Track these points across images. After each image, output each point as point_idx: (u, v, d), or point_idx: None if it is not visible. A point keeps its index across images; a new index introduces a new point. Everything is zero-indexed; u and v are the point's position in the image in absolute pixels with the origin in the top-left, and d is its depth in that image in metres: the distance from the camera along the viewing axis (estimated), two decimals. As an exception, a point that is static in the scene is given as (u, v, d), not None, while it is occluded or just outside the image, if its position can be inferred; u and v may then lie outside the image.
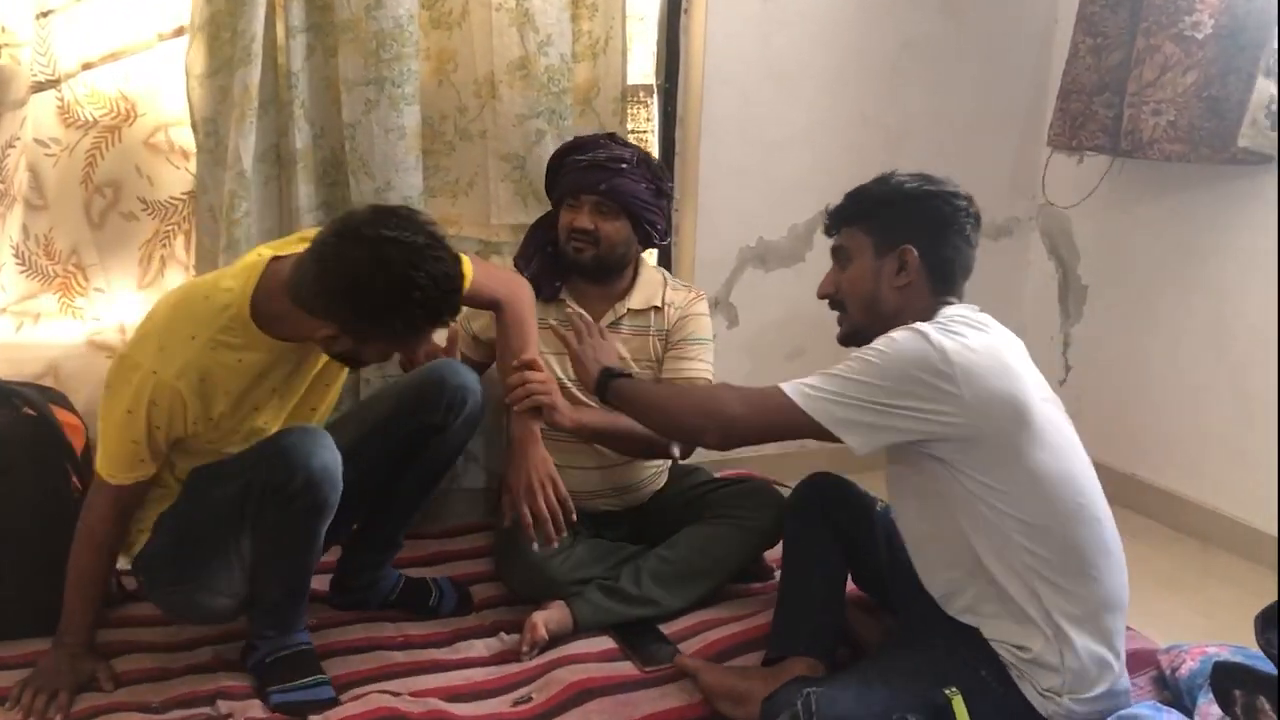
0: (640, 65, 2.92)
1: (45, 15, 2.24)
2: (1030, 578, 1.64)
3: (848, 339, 1.81)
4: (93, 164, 2.35)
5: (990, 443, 1.61)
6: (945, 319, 1.65)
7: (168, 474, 1.88)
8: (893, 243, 1.74)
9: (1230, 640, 1.97)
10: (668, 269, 2.79)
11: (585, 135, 2.43)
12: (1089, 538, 1.66)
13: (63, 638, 1.87)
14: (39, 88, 2.26)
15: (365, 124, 2.37)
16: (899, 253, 1.73)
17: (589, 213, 2.27)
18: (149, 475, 1.82)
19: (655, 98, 2.95)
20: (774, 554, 2.26)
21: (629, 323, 2.35)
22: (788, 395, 1.64)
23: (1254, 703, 1.63)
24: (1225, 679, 1.70)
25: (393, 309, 1.66)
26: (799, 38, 3.06)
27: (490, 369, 2.41)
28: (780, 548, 2.13)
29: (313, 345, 1.82)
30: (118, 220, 2.40)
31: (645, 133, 2.94)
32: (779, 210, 3.10)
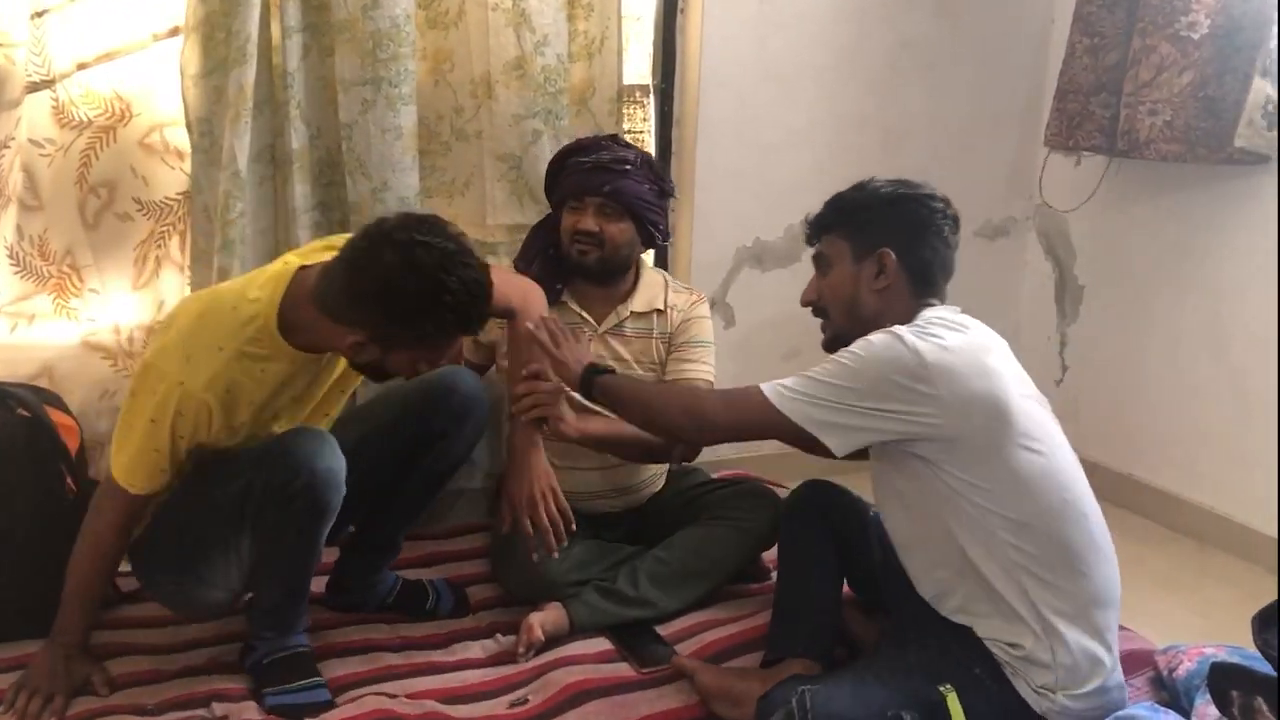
0: (636, 65, 2.91)
1: (40, 15, 2.23)
2: (1018, 574, 1.64)
3: (831, 344, 1.82)
4: (87, 164, 2.34)
5: (971, 442, 1.63)
6: (923, 321, 1.68)
7: None
8: (870, 247, 1.77)
9: (1227, 641, 1.97)
10: (664, 269, 2.78)
11: (587, 137, 2.42)
12: (1076, 533, 1.67)
13: (58, 639, 1.86)
14: (34, 88, 2.26)
15: (362, 124, 2.37)
16: (877, 256, 1.76)
17: (593, 215, 2.26)
18: (166, 485, 1.81)
19: (651, 98, 2.95)
20: (771, 555, 2.26)
21: (632, 325, 2.35)
22: (765, 396, 1.67)
23: (1251, 703, 1.63)
24: (1222, 680, 1.70)
25: (424, 312, 1.67)
26: (796, 38, 3.06)
27: (490, 370, 2.41)
28: (777, 549, 2.13)
29: (333, 355, 1.83)
30: (112, 221, 2.39)
31: (641, 133, 2.94)
32: (775, 211, 3.10)
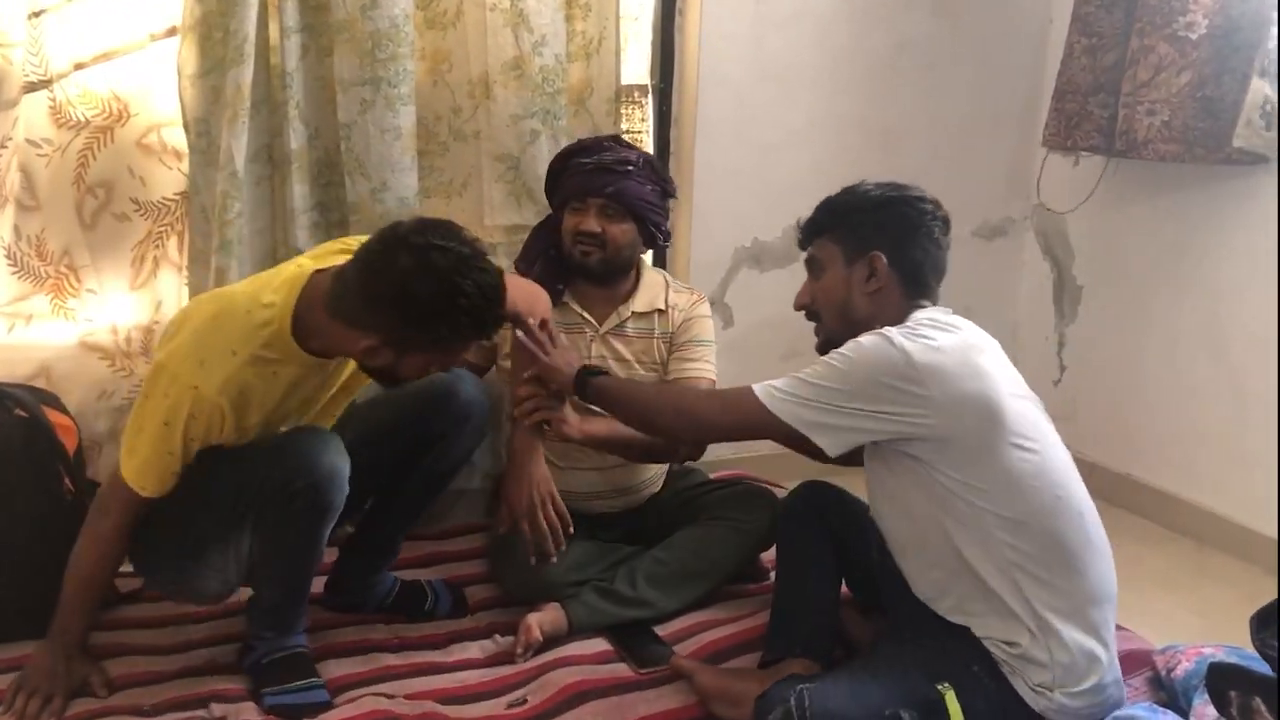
0: (635, 65, 2.91)
1: (37, 15, 2.23)
2: (1013, 572, 1.65)
3: (824, 348, 1.83)
4: (85, 164, 2.34)
5: (963, 441, 1.63)
6: (913, 322, 1.69)
7: None
8: (861, 250, 1.78)
9: (1226, 641, 1.97)
10: (663, 269, 2.78)
11: (589, 138, 2.42)
12: (1070, 531, 1.67)
13: (57, 640, 1.85)
14: (31, 88, 2.25)
15: (361, 124, 2.37)
16: (868, 259, 1.77)
17: (595, 216, 2.26)
18: (175, 486, 1.80)
19: (650, 98, 2.94)
20: (769, 555, 2.26)
21: (633, 325, 2.35)
22: (757, 396, 1.69)
23: (1249, 703, 1.63)
24: (1220, 680, 1.70)
25: (439, 315, 1.67)
26: (794, 38, 3.06)
27: (490, 371, 2.40)
28: (775, 550, 2.13)
29: (343, 358, 1.84)
30: (110, 221, 2.39)
31: (640, 133, 2.93)
32: (774, 211, 3.10)
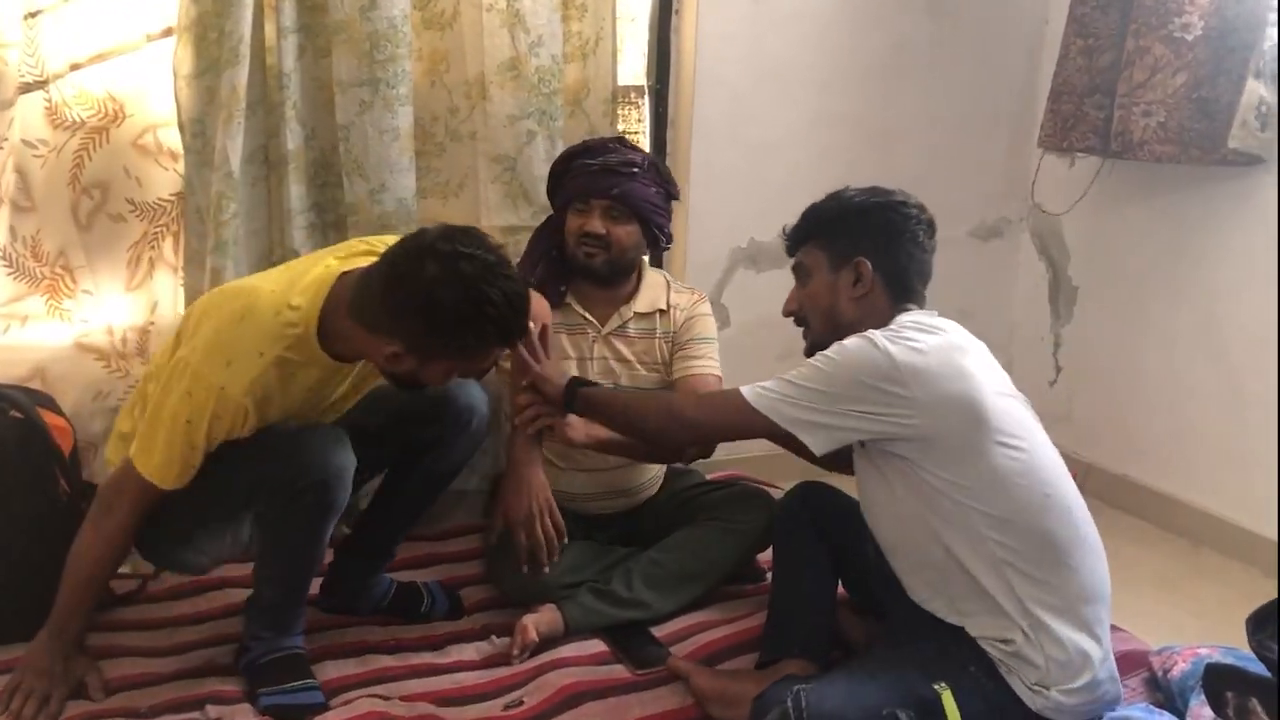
0: (631, 66, 2.91)
1: (33, 16, 2.22)
2: (1003, 570, 1.65)
3: (811, 352, 1.84)
4: (80, 165, 2.33)
5: (948, 441, 1.65)
6: (898, 325, 1.71)
7: None
8: (846, 256, 1.80)
9: (1222, 642, 1.97)
10: (662, 269, 2.78)
11: (593, 139, 2.42)
12: (1060, 528, 1.67)
13: (55, 638, 1.83)
14: (26, 89, 2.24)
15: (360, 125, 2.36)
16: (853, 265, 1.79)
17: (599, 217, 2.26)
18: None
19: (646, 99, 2.94)
20: (766, 556, 2.25)
21: (635, 326, 2.35)
22: (744, 397, 1.72)
23: (1246, 704, 1.63)
24: (1217, 681, 1.71)
25: (465, 324, 1.67)
26: (790, 39, 3.06)
27: (489, 372, 2.39)
28: (771, 550, 2.13)
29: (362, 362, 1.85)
30: (106, 222, 2.38)
31: (636, 134, 2.94)
32: (770, 211, 3.06)
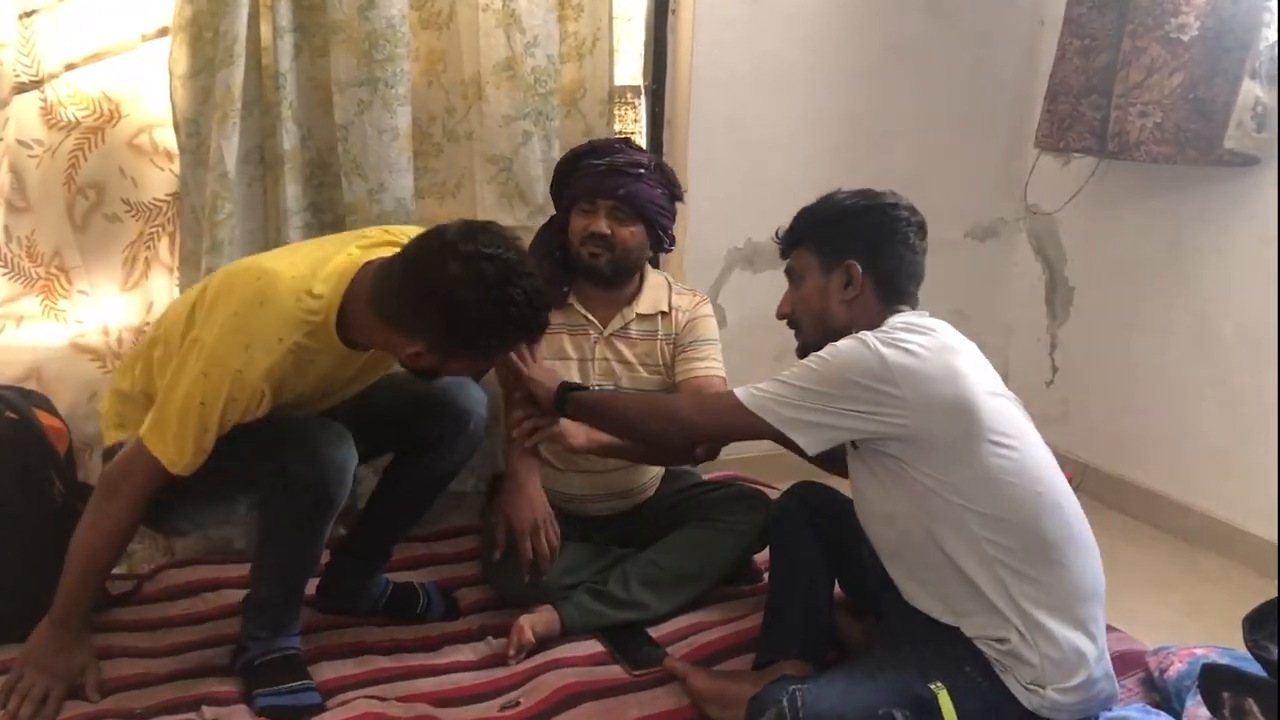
0: (628, 66, 2.91)
1: (28, 15, 2.22)
2: (996, 568, 1.66)
3: (803, 353, 1.84)
4: (75, 165, 2.32)
5: (939, 441, 1.65)
6: (889, 326, 1.71)
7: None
8: (837, 259, 1.81)
9: (1218, 642, 1.98)
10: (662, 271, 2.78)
11: (599, 139, 2.42)
12: (1052, 526, 1.68)
13: (61, 625, 1.81)
14: (22, 89, 2.24)
15: (358, 125, 2.36)
16: (844, 268, 1.80)
17: (605, 217, 2.25)
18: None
19: (642, 99, 2.94)
20: (763, 557, 2.25)
21: (637, 327, 2.35)
22: (738, 397, 1.73)
23: (1242, 704, 1.63)
24: (1213, 681, 1.71)
25: (489, 325, 1.68)
26: (786, 39, 3.06)
27: (489, 372, 2.39)
28: (768, 551, 2.13)
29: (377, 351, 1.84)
30: (101, 222, 2.37)
31: (633, 134, 2.93)
32: (766, 212, 3.06)
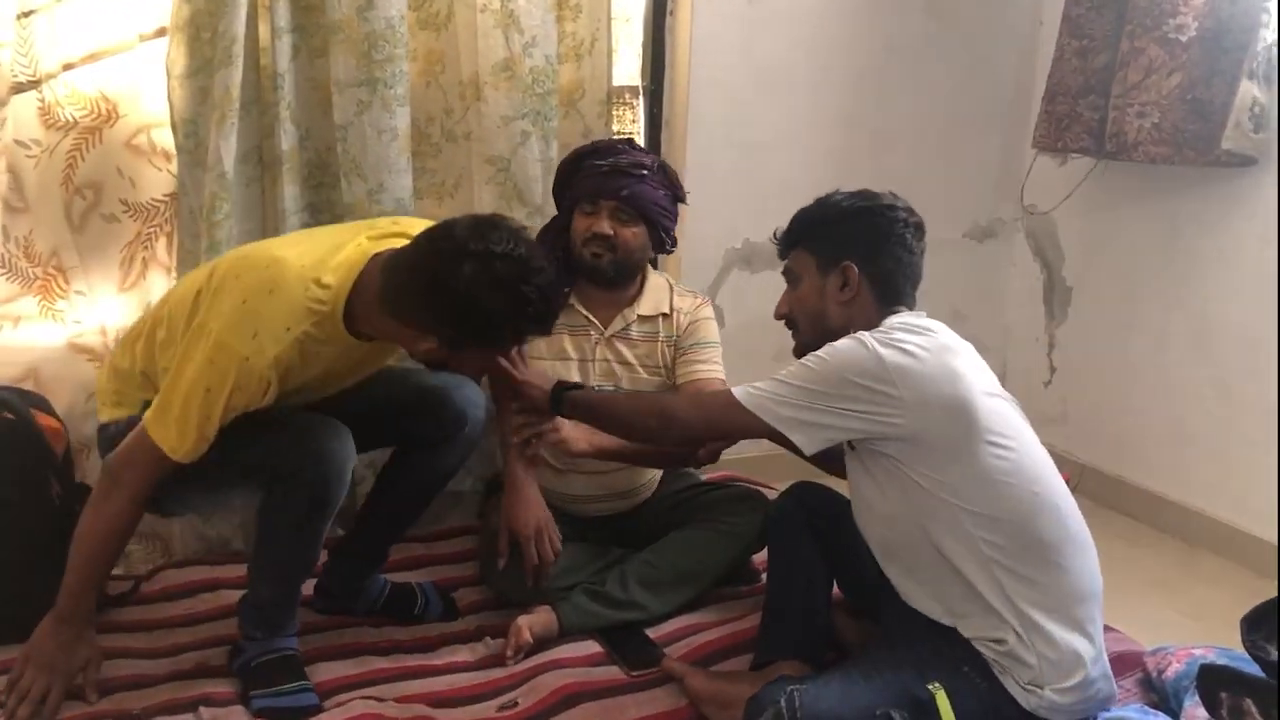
0: (626, 67, 2.91)
1: (26, 15, 2.21)
2: (993, 568, 1.66)
3: (800, 354, 1.84)
4: (73, 165, 2.32)
5: (936, 441, 1.65)
6: (886, 327, 1.72)
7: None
8: (834, 260, 1.81)
9: (1216, 642, 1.98)
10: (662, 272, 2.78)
11: (602, 140, 2.43)
12: (1048, 526, 1.68)
13: (65, 620, 1.79)
14: (19, 89, 2.24)
15: (358, 125, 2.36)
16: (841, 269, 1.80)
17: (608, 218, 2.25)
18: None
19: (641, 99, 2.94)
20: (761, 557, 2.25)
21: (638, 329, 2.35)
22: (735, 396, 1.73)
23: (1240, 704, 1.63)
24: (1211, 681, 1.71)
25: (504, 323, 1.68)
26: (784, 40, 3.06)
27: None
28: (766, 552, 2.13)
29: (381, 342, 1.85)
30: (99, 222, 2.37)
31: (631, 134, 2.94)
32: (764, 212, 3.06)
